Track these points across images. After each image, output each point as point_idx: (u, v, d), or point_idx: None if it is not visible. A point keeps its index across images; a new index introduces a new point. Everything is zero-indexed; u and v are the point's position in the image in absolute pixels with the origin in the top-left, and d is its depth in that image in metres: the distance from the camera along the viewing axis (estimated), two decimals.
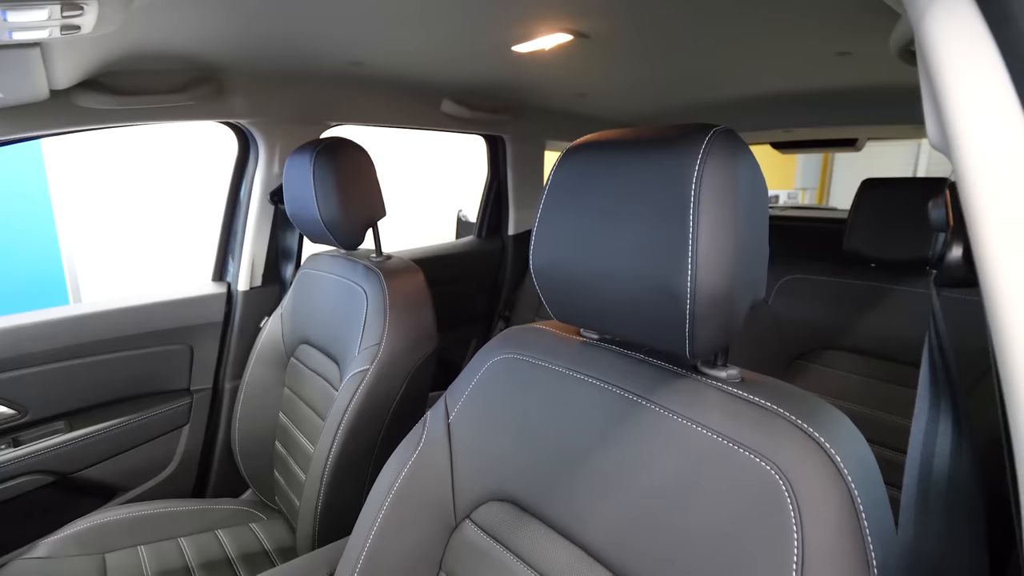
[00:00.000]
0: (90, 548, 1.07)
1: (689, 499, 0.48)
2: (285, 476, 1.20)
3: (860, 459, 0.43)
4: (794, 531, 0.41)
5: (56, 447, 1.18)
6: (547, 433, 0.61)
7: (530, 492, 0.61)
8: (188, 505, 1.23)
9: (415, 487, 0.70)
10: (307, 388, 1.17)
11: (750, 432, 0.46)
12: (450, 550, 0.67)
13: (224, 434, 1.37)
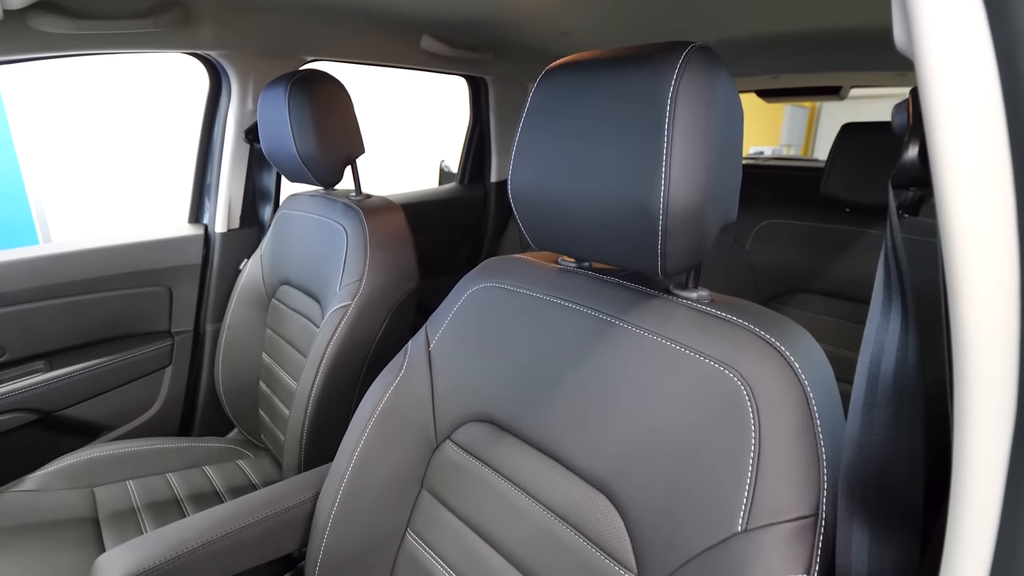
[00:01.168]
0: (79, 482, 1.09)
1: (657, 408, 0.50)
2: (270, 414, 1.22)
3: (816, 366, 0.46)
4: (752, 431, 0.44)
5: (37, 386, 1.18)
6: (524, 356, 0.63)
7: (507, 412, 0.63)
8: (175, 443, 1.25)
9: (396, 411, 0.72)
10: (289, 328, 1.18)
11: (715, 344, 0.49)
12: (431, 469, 0.70)
13: (207, 375, 1.38)
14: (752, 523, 0.41)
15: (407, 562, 0.68)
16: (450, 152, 3.41)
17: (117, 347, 1.30)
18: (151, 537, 0.65)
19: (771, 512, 0.41)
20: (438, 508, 0.67)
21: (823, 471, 0.41)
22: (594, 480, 0.53)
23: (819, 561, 0.39)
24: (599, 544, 0.51)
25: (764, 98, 2.17)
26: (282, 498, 0.74)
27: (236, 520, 0.69)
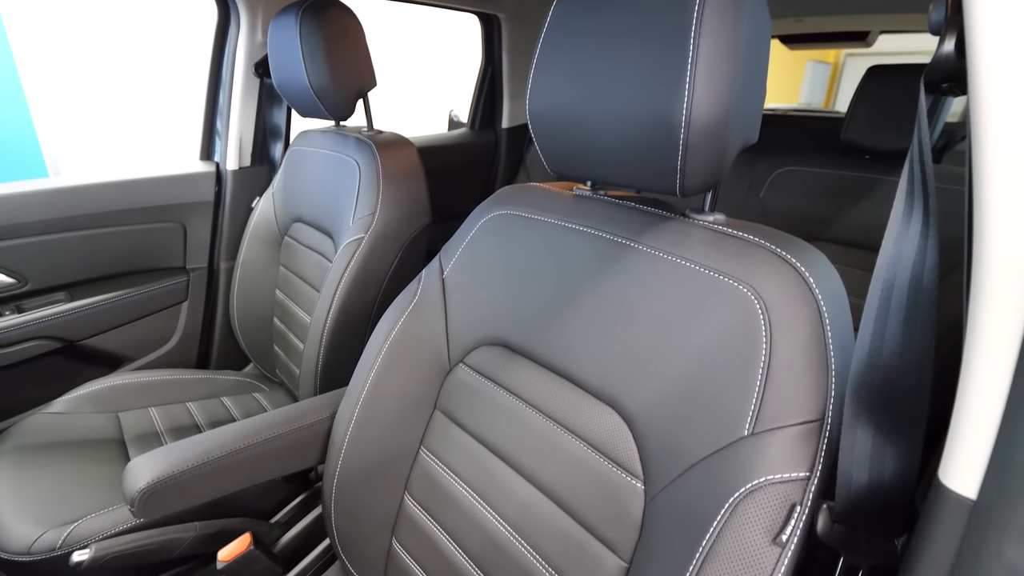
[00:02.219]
0: (104, 407, 1.13)
1: (670, 325, 0.51)
2: (284, 349, 1.25)
3: (830, 283, 0.47)
4: (763, 344, 0.45)
5: (59, 315, 1.21)
6: (538, 280, 0.64)
7: (520, 334, 0.65)
8: (193, 374, 1.29)
9: (410, 336, 0.74)
10: (302, 264, 1.19)
11: (731, 261, 0.49)
12: (444, 391, 0.72)
13: (223, 312, 1.41)
14: (758, 428, 0.43)
15: (421, 477, 0.71)
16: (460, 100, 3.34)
17: (134, 281, 1.32)
18: (178, 445, 0.69)
19: (778, 417, 0.42)
20: (450, 427, 0.70)
21: (831, 380, 0.42)
22: (604, 396, 0.55)
23: (822, 462, 0.41)
24: (607, 454, 0.53)
25: (787, 44, 2.09)
26: (300, 416, 0.77)
27: (257, 434, 0.73)
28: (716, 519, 0.41)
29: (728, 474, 0.43)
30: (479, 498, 0.64)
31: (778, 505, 0.40)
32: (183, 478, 0.66)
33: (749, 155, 1.43)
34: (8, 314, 1.17)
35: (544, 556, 0.56)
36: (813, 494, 0.40)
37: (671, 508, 0.47)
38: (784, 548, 0.39)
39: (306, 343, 1.06)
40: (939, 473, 0.33)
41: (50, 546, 0.77)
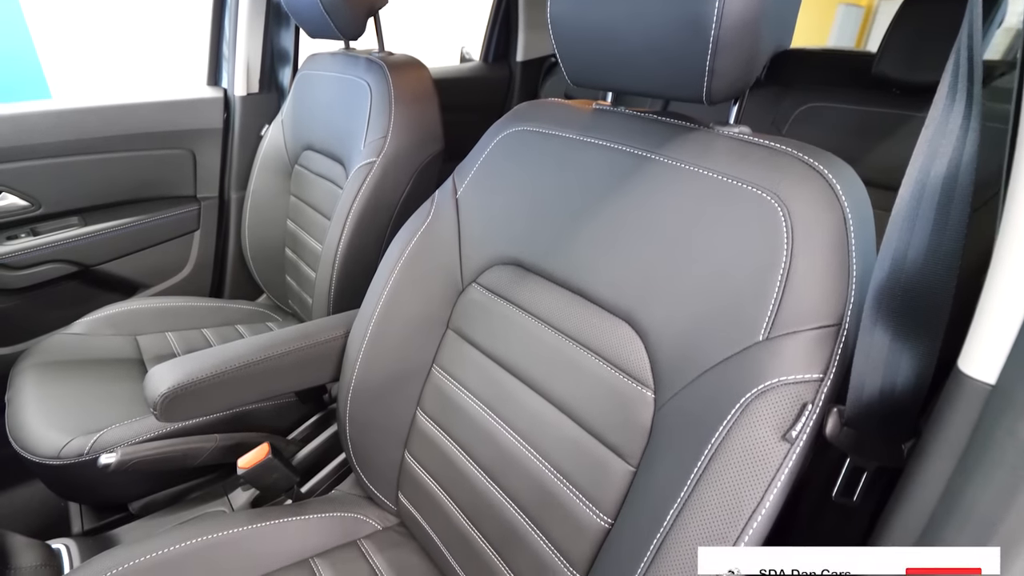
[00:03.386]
0: (122, 330, 1.16)
1: (688, 236, 0.50)
2: (296, 279, 1.26)
3: (857, 192, 0.45)
4: (784, 250, 0.44)
5: (73, 239, 1.22)
6: (554, 196, 0.63)
7: (534, 253, 0.64)
8: (208, 303, 1.31)
9: (423, 256, 0.74)
10: (313, 193, 1.18)
11: (755, 170, 0.48)
12: (456, 310, 0.72)
13: (235, 242, 1.41)
14: (774, 332, 0.43)
15: (432, 393, 0.73)
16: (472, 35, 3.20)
17: (146, 208, 1.32)
18: (198, 355, 0.70)
19: (794, 322, 0.42)
20: (463, 345, 0.70)
21: (851, 285, 0.42)
22: (617, 310, 0.55)
23: (836, 365, 0.41)
24: (618, 366, 0.54)
25: None
26: (315, 333, 0.78)
27: (273, 348, 0.74)
28: (726, 418, 0.42)
29: (740, 377, 0.43)
30: (490, 412, 0.65)
31: (790, 404, 0.40)
32: (202, 386, 0.68)
33: (773, 91, 1.37)
34: (23, 236, 1.18)
35: (554, 464, 0.57)
36: (825, 396, 0.40)
37: (681, 413, 0.47)
38: (793, 444, 0.39)
39: (318, 272, 1.06)
40: (959, 363, 0.32)
41: (78, 451, 0.81)
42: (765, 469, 0.39)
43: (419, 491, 0.73)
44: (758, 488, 0.39)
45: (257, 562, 0.69)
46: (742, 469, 0.40)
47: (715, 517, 0.40)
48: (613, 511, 0.52)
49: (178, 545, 0.66)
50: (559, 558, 0.55)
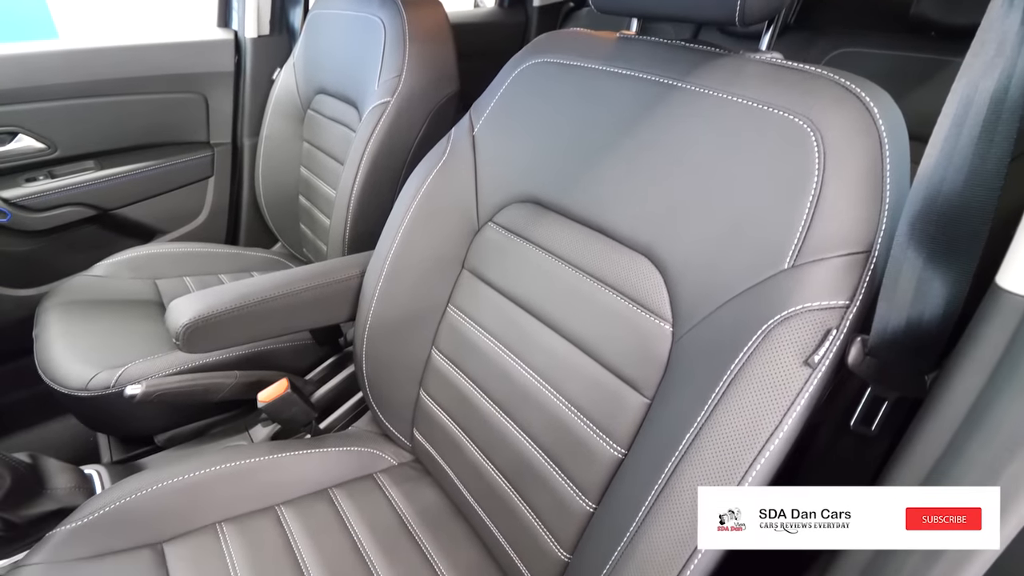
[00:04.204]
0: (142, 273, 1.18)
1: (714, 167, 0.49)
2: (311, 226, 1.26)
3: (895, 118, 0.43)
4: (815, 176, 0.42)
5: (89, 183, 1.22)
6: (574, 130, 0.61)
7: (553, 189, 0.63)
8: (224, 249, 1.32)
9: (438, 196, 0.73)
10: (326, 137, 1.17)
11: (787, 94, 0.46)
12: (472, 250, 0.72)
13: (249, 189, 1.41)
14: (800, 260, 0.42)
15: (448, 332, 0.73)
16: None
17: (160, 154, 1.32)
18: (218, 289, 0.71)
19: (822, 248, 0.41)
20: (478, 285, 0.70)
21: (884, 211, 0.41)
22: (637, 244, 0.54)
23: (863, 292, 0.40)
24: (636, 300, 0.53)
25: None
26: (331, 271, 0.78)
27: (291, 285, 0.75)
28: (747, 345, 0.41)
29: (763, 306, 0.42)
30: (505, 350, 0.65)
31: (813, 330, 0.40)
32: (222, 318, 0.69)
33: (804, 36, 1.31)
34: (41, 179, 1.19)
35: (568, 398, 0.58)
36: (850, 323, 0.40)
37: (699, 344, 0.47)
38: (815, 370, 0.39)
39: (332, 218, 1.06)
40: (997, 279, 0.32)
41: (105, 384, 0.84)
42: (785, 393, 0.39)
43: (434, 427, 0.75)
44: (776, 412, 0.39)
45: (279, 490, 0.71)
46: (761, 394, 0.40)
47: (731, 441, 0.41)
48: (627, 442, 0.52)
49: (204, 470, 0.68)
50: (572, 488, 0.56)
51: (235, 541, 0.64)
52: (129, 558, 0.60)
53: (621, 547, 0.46)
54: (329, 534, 0.67)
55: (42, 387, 0.89)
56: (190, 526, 0.65)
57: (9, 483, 0.68)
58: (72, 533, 0.60)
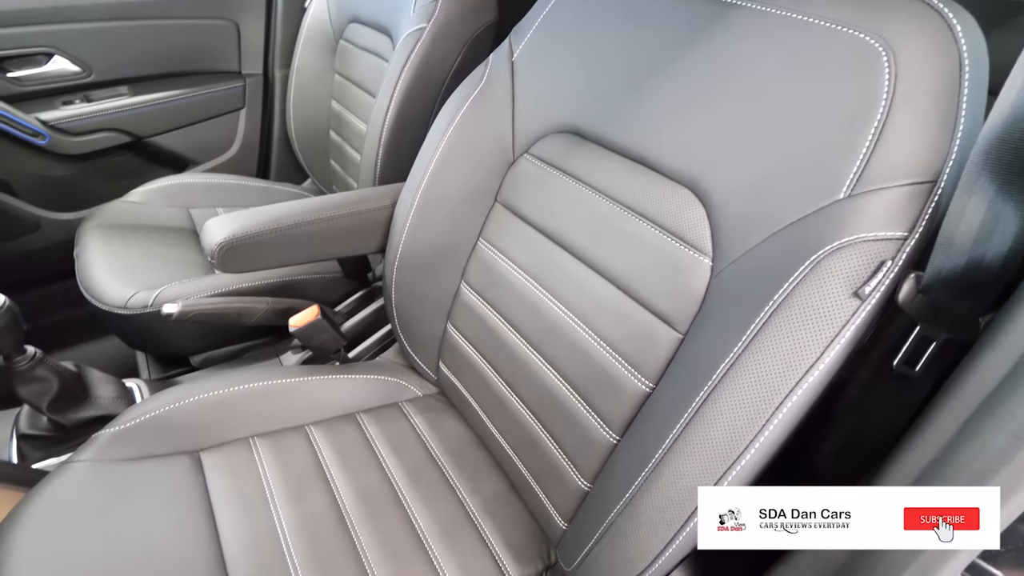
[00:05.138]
0: (175, 201, 1.19)
1: (769, 91, 0.46)
2: (341, 162, 1.25)
3: (977, 37, 0.39)
4: (883, 98, 0.39)
5: (124, 109, 1.23)
6: (620, 56, 0.58)
7: (593, 119, 0.61)
8: (255, 182, 1.33)
9: (473, 127, 0.71)
10: (358, 69, 1.14)
11: (860, 9, 0.42)
12: (506, 182, 0.70)
13: (280, 122, 1.40)
14: (858, 189, 0.39)
15: (477, 265, 0.73)
16: None
17: (192, 82, 1.31)
18: (252, 211, 0.72)
19: (883, 177, 0.39)
20: (510, 218, 0.69)
21: (956, 139, 0.38)
22: (680, 176, 0.52)
23: (924, 224, 0.38)
24: (674, 233, 0.52)
25: None
26: (363, 200, 0.78)
27: (324, 211, 0.75)
28: (792, 277, 0.40)
29: (813, 237, 0.40)
30: (536, 284, 0.65)
31: (866, 261, 0.38)
32: (256, 239, 0.70)
33: None
34: (78, 102, 1.19)
35: (597, 332, 0.57)
36: (906, 257, 0.38)
37: (740, 277, 0.46)
38: (864, 301, 0.37)
39: (363, 153, 1.05)
40: None
41: (143, 303, 0.86)
42: (829, 325, 0.38)
43: (460, 360, 0.75)
44: (817, 345, 0.38)
45: (308, 410, 0.74)
46: (803, 326, 0.39)
47: (766, 373, 0.40)
48: (655, 376, 0.52)
49: (238, 387, 0.71)
50: (596, 420, 0.57)
51: (267, 454, 0.67)
52: (168, 462, 0.63)
53: (644, 475, 0.46)
54: (356, 454, 0.70)
55: (86, 308, 0.92)
56: (225, 438, 0.68)
57: (57, 388, 0.71)
58: (115, 436, 0.63)
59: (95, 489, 0.58)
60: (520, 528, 0.66)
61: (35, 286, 1.19)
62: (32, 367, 0.68)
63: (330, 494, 0.64)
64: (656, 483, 0.44)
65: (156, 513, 0.58)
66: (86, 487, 0.58)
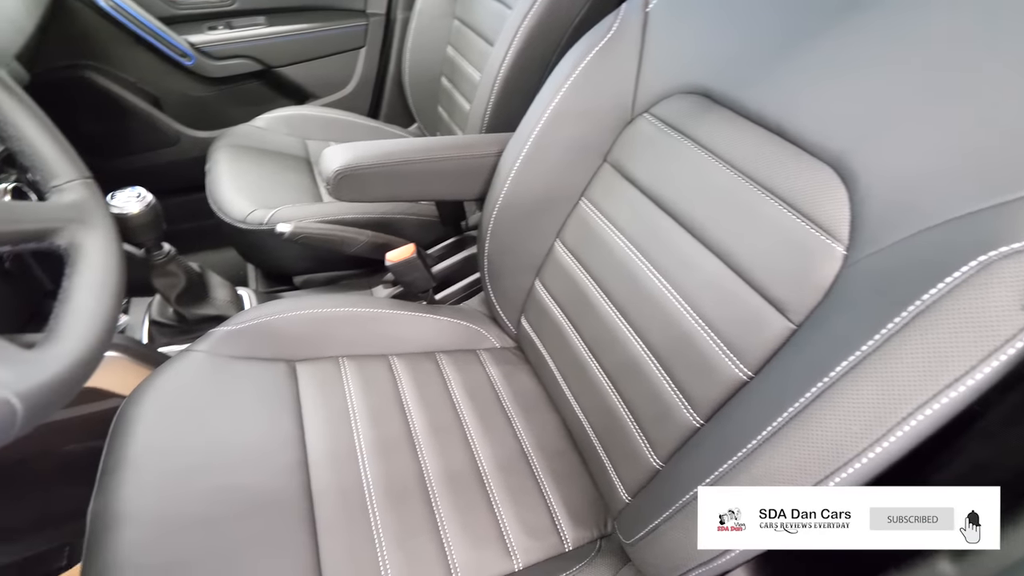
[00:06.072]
0: (295, 131, 1.27)
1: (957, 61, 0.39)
2: (449, 110, 1.25)
3: None
4: None
5: (259, 38, 1.31)
6: (770, 11, 0.52)
7: (729, 80, 0.56)
8: (366, 121, 1.38)
9: (593, 80, 0.68)
10: (479, 15, 1.13)
11: None
12: (619, 142, 0.67)
13: (395, 64, 1.43)
14: None
15: (576, 224, 0.71)
16: None
17: (320, 17, 1.37)
18: (367, 144, 0.74)
19: None
20: (618, 180, 0.66)
21: None
22: (823, 151, 0.47)
23: None
24: (807, 214, 0.47)
25: None
26: (470, 145, 0.78)
27: (432, 151, 0.76)
28: (952, 276, 0.35)
29: (985, 235, 0.35)
30: (635, 250, 0.62)
31: None
32: (367, 171, 0.73)
33: None
34: (221, 28, 1.28)
35: (697, 310, 0.54)
36: None
37: (880, 271, 0.41)
38: None
39: (473, 101, 1.04)
40: None
41: (260, 220, 0.93)
42: (989, 337, 0.33)
43: (543, 318, 0.75)
44: (970, 356, 0.33)
45: (393, 342, 0.77)
46: (957, 333, 0.34)
47: (901, 378, 0.35)
48: (756, 365, 0.49)
49: (334, 309, 0.75)
50: (680, 400, 0.54)
51: (353, 375, 0.71)
52: (269, 365, 0.68)
53: (730, 464, 0.44)
54: (432, 389, 0.72)
55: (212, 220, 1.01)
56: (318, 353, 0.72)
57: (184, 284, 0.79)
58: (227, 334, 0.70)
59: (206, 377, 0.64)
60: (580, 492, 0.66)
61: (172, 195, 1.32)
62: (167, 262, 0.76)
63: (405, 422, 0.67)
64: (743, 474, 0.42)
65: (254, 408, 0.63)
66: (199, 374, 0.65)
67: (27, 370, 0.28)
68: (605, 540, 0.63)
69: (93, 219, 0.41)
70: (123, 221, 0.66)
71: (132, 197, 0.69)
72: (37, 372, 0.29)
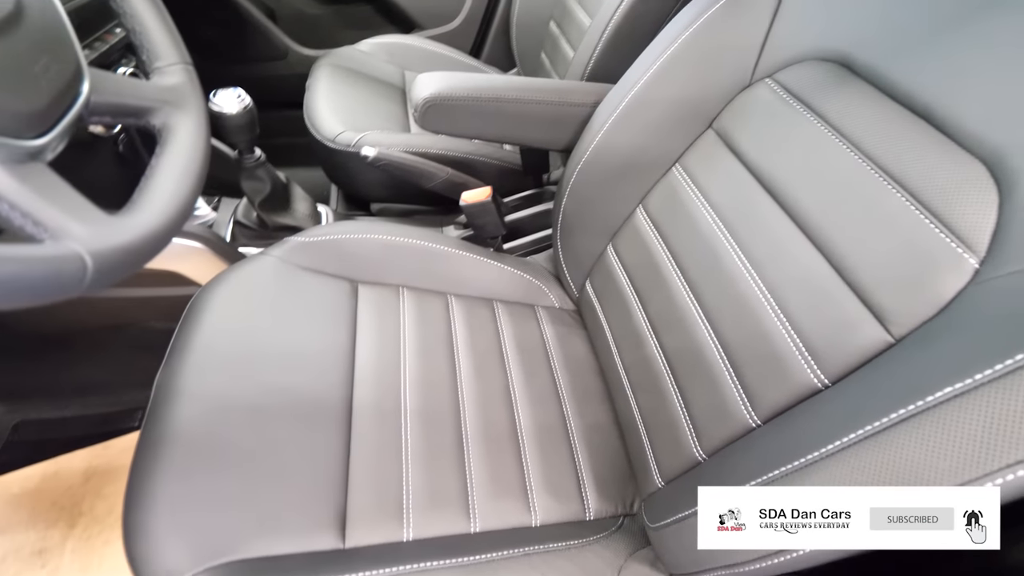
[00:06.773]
0: (395, 59, 1.27)
1: None
2: (552, 56, 1.20)
3: None
4: None
5: None
6: None
7: (877, 49, 0.48)
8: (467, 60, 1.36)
9: (714, 35, 0.61)
10: None
11: None
12: (730, 108, 0.61)
13: (505, 5, 1.38)
14: None
15: (664, 191, 0.66)
16: None
17: None
18: (461, 75, 0.73)
19: None
20: (721, 149, 0.60)
21: None
22: (978, 145, 0.39)
23: None
24: (939, 216, 0.40)
25: None
26: (567, 92, 0.74)
27: (526, 92, 0.72)
28: None
29: None
30: (724, 229, 0.57)
31: None
32: (457, 103, 0.71)
33: None
34: None
35: (782, 305, 0.49)
36: None
37: (1020, 293, 0.34)
38: None
39: (579, 48, 0.98)
40: None
41: (348, 141, 0.94)
42: None
43: (609, 284, 0.72)
44: None
45: (454, 282, 0.77)
46: None
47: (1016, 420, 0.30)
48: (837, 375, 0.43)
49: (403, 239, 0.75)
50: (741, 396, 0.50)
51: (410, 306, 0.72)
52: (333, 281, 0.70)
53: (782, 471, 0.40)
54: (484, 335, 0.72)
55: (304, 137, 1.04)
56: (380, 279, 0.73)
57: (269, 190, 0.82)
58: (301, 245, 0.72)
59: (274, 281, 0.67)
60: (611, 466, 0.64)
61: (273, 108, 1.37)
62: (256, 167, 0.80)
63: (452, 363, 0.67)
64: (801, 483, 0.38)
65: (313, 317, 0.66)
66: (270, 277, 0.67)
67: (104, 232, 0.30)
68: (628, 519, 0.61)
69: (187, 104, 0.43)
70: (220, 119, 0.69)
71: (233, 97, 0.71)
72: (112, 235, 0.30)
